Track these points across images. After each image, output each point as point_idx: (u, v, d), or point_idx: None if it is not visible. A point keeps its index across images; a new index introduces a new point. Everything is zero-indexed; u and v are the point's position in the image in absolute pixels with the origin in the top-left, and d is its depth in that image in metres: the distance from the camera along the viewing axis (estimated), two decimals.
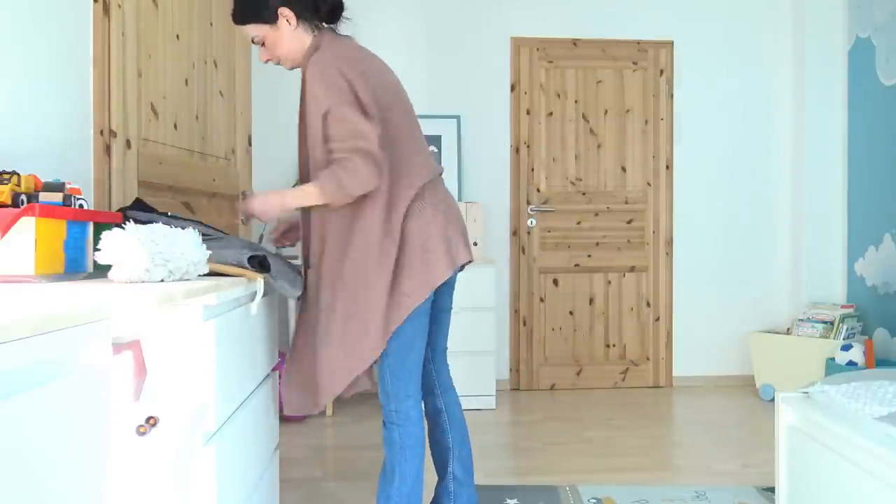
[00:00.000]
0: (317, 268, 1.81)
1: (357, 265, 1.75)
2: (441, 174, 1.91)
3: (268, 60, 1.84)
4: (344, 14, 1.87)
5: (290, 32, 1.79)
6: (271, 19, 1.78)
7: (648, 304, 4.38)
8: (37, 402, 0.73)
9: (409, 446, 1.83)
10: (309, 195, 1.71)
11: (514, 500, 2.43)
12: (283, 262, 1.81)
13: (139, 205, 1.93)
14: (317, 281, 1.81)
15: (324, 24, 1.85)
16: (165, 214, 1.85)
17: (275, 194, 1.77)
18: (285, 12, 1.77)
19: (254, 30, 1.80)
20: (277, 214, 1.79)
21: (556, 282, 4.33)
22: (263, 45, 1.82)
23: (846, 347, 3.59)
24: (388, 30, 4.23)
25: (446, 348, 2.07)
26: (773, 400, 3.89)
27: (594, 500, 2.43)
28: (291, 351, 1.86)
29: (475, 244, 3.88)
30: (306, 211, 1.84)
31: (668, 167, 4.38)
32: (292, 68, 1.87)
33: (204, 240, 1.59)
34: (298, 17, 1.79)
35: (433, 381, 2.03)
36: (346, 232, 1.76)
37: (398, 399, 1.83)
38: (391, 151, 1.77)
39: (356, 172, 1.66)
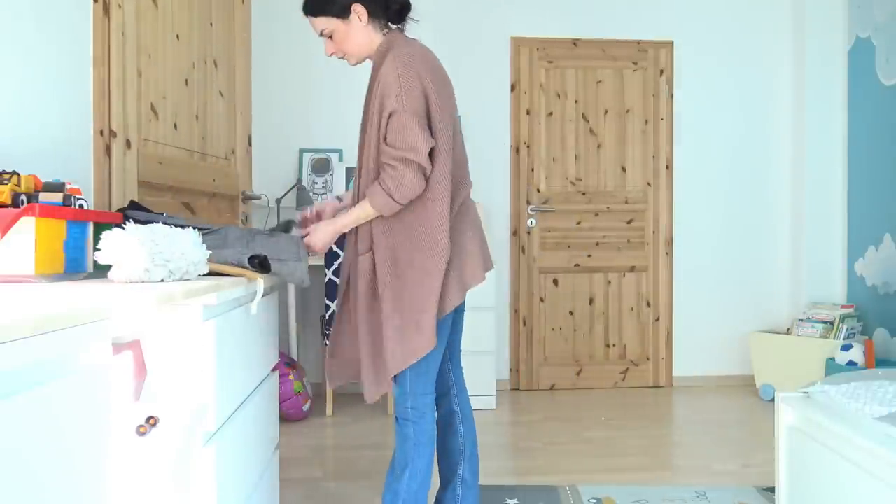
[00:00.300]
0: (370, 257, 1.81)
1: (418, 260, 1.77)
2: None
3: (333, 54, 1.86)
4: (410, 15, 1.90)
5: (360, 28, 1.81)
6: (343, 13, 1.80)
7: (648, 304, 4.38)
8: (37, 402, 0.73)
9: (423, 443, 1.85)
10: (362, 213, 1.78)
11: (514, 500, 2.43)
12: (285, 241, 1.80)
13: (135, 206, 1.92)
14: (372, 269, 1.80)
15: (391, 24, 1.87)
16: (161, 215, 1.85)
17: (328, 225, 1.83)
18: (358, 8, 1.79)
19: (324, 23, 1.81)
20: (329, 244, 1.85)
21: (556, 282, 4.33)
22: (331, 38, 1.84)
23: (846, 347, 3.59)
24: None
25: (461, 350, 2.08)
26: (773, 400, 3.89)
27: (594, 500, 2.43)
28: (362, 339, 1.83)
29: None
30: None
31: (668, 167, 4.38)
32: (356, 64, 1.89)
33: (203, 236, 1.60)
34: (370, 14, 1.81)
35: (450, 383, 2.03)
36: (409, 226, 1.78)
37: (415, 396, 1.84)
38: (454, 155, 1.83)
39: (402, 183, 1.70)
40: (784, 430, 1.82)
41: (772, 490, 2.45)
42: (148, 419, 1.11)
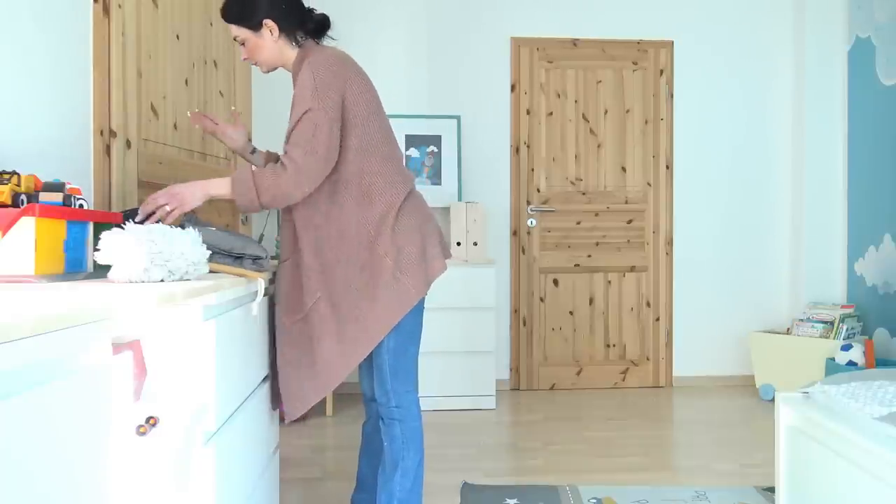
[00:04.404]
0: (297, 266, 1.81)
1: (353, 264, 1.78)
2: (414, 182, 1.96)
3: (246, 59, 1.90)
4: (329, 33, 1.92)
5: (271, 42, 1.85)
6: (255, 27, 1.83)
7: (648, 304, 4.38)
8: (37, 402, 0.73)
9: (411, 440, 1.85)
10: (225, 192, 1.73)
11: (514, 500, 2.43)
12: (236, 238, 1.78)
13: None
14: (299, 280, 1.81)
15: (310, 38, 1.90)
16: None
17: (197, 185, 1.76)
18: (269, 24, 1.83)
19: (238, 31, 1.86)
20: (198, 203, 1.75)
21: (556, 282, 4.33)
22: (241, 44, 1.88)
23: (846, 347, 3.59)
24: (389, 30, 4.23)
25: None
26: (773, 400, 3.89)
27: (594, 500, 2.43)
28: (280, 358, 1.84)
29: (475, 244, 3.88)
30: (286, 208, 1.86)
31: (668, 167, 4.38)
32: (268, 72, 1.93)
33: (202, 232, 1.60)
34: (281, 30, 1.85)
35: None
36: (340, 232, 1.78)
37: (399, 395, 1.85)
38: (383, 157, 1.82)
39: (278, 186, 1.68)
40: (784, 430, 1.82)
41: (772, 490, 2.45)
42: (148, 419, 1.11)
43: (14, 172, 1.36)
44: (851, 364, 3.53)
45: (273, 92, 4.10)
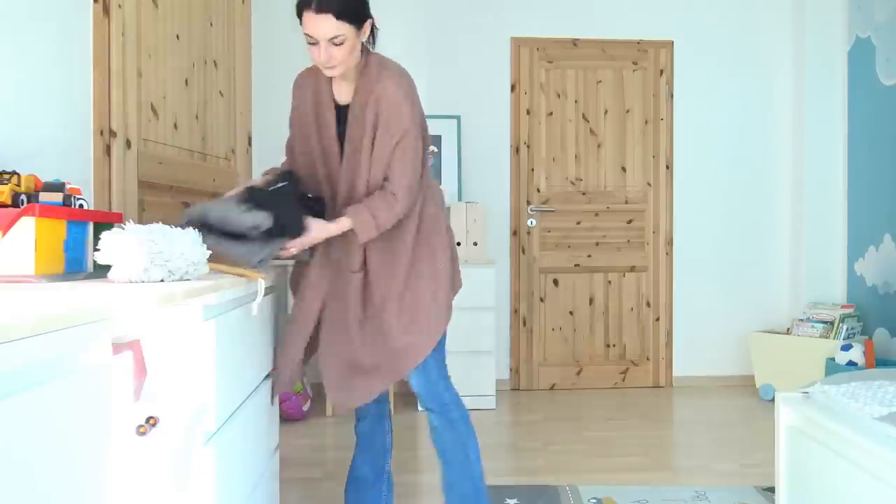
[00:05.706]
0: (372, 273, 1.84)
1: (425, 262, 1.86)
2: None
3: (333, 65, 1.73)
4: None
5: (358, 43, 1.76)
6: (361, 24, 1.74)
7: (648, 304, 4.38)
8: (37, 402, 0.73)
9: (468, 419, 1.93)
10: (341, 229, 1.77)
11: (514, 500, 2.43)
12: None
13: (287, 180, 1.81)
14: (370, 284, 1.85)
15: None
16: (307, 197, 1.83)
17: (321, 227, 1.75)
18: (369, 24, 1.79)
19: (342, 28, 1.68)
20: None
21: (556, 282, 4.33)
22: (335, 44, 1.69)
23: (846, 347, 3.59)
24: (389, 30, 4.22)
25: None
26: (773, 400, 3.89)
27: (594, 500, 2.43)
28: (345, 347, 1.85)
29: (475, 244, 3.88)
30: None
31: (668, 167, 4.38)
32: (332, 75, 1.78)
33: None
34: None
35: None
36: (410, 241, 1.85)
37: (445, 380, 1.93)
38: (428, 172, 1.95)
39: (393, 212, 1.75)
40: (784, 430, 1.82)
41: (772, 490, 2.45)
42: (148, 419, 1.11)
43: (14, 172, 1.36)
44: (851, 364, 3.53)
45: (274, 92, 4.10)
